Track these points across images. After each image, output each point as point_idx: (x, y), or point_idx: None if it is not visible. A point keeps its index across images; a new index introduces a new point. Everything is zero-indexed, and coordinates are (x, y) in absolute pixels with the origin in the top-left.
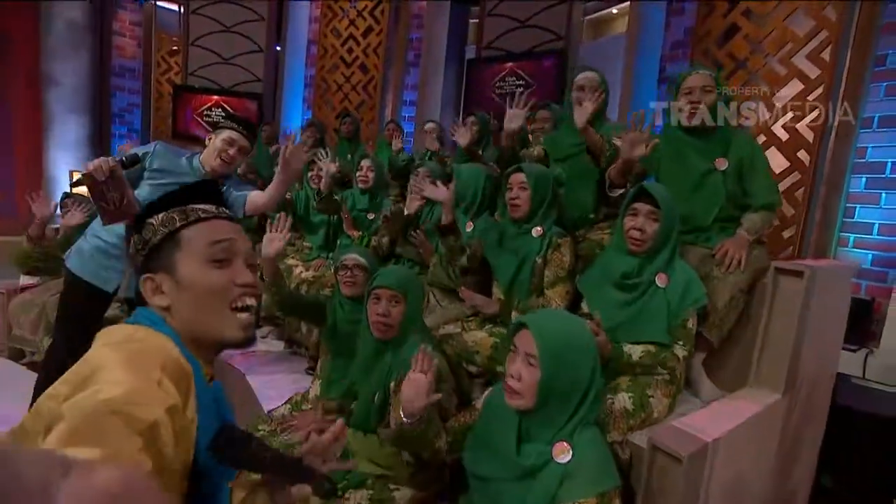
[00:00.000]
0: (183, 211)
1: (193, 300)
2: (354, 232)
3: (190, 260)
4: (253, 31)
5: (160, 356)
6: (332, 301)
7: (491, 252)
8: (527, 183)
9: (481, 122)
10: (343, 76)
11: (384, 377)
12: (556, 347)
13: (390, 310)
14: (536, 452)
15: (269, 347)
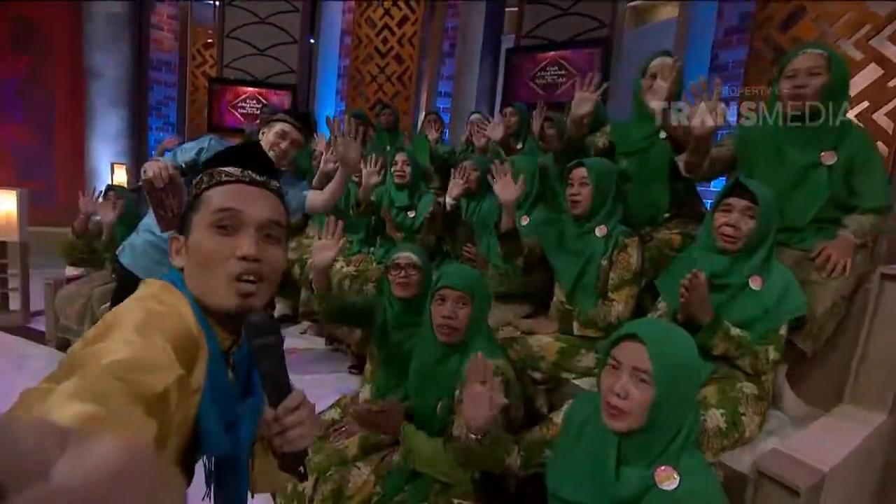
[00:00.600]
0: (210, 173)
1: (196, 264)
2: (397, 234)
3: (200, 223)
4: (287, 23)
5: (173, 321)
6: (381, 302)
7: (551, 252)
8: (588, 178)
9: (520, 112)
10: (377, 67)
11: (449, 384)
12: (674, 364)
13: (457, 312)
14: (637, 478)
15: (310, 345)
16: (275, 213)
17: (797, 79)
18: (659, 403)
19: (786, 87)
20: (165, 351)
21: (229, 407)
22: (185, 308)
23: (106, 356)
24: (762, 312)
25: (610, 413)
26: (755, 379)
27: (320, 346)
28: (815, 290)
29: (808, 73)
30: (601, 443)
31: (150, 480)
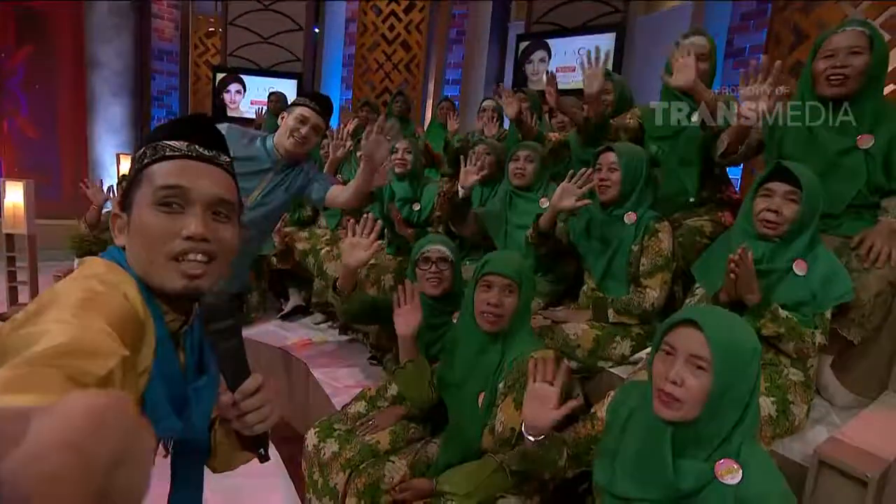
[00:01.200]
0: (154, 147)
1: (139, 244)
2: (408, 230)
3: (143, 201)
4: (292, 10)
5: (115, 302)
6: None
7: (579, 239)
8: (617, 163)
9: (531, 99)
10: (384, 54)
11: (492, 375)
12: (734, 352)
13: (503, 300)
14: (696, 471)
15: (326, 336)
16: (224, 190)
17: (836, 58)
18: (716, 393)
19: (822, 66)
20: (106, 332)
21: (180, 388)
22: (129, 288)
23: (40, 341)
24: (808, 297)
25: (663, 401)
26: (800, 365)
27: (336, 338)
28: (857, 278)
29: (849, 52)
30: (652, 434)
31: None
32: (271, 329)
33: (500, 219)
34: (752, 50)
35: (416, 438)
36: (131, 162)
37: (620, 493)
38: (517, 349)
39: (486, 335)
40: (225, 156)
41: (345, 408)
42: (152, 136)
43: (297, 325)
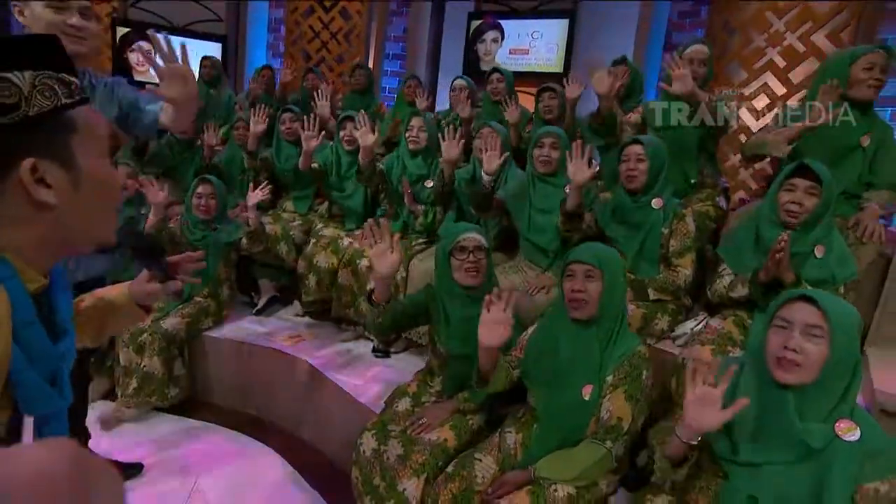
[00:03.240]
0: (62, 82)
1: (92, 200)
2: (417, 206)
3: (91, 150)
4: None
5: None
6: (437, 294)
7: (608, 225)
8: (644, 155)
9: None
10: (321, 22)
11: (596, 368)
12: (846, 321)
13: (587, 285)
14: (820, 431)
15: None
16: None
17: (874, 71)
18: (833, 358)
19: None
20: None
21: (49, 358)
22: None
23: None
24: (828, 276)
25: (784, 367)
26: None
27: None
28: (855, 251)
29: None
30: (773, 401)
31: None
32: (249, 326)
33: (524, 204)
34: None
35: (475, 430)
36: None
37: (746, 460)
38: (621, 344)
39: (579, 326)
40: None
41: (390, 407)
42: (39, 61)
43: (275, 320)
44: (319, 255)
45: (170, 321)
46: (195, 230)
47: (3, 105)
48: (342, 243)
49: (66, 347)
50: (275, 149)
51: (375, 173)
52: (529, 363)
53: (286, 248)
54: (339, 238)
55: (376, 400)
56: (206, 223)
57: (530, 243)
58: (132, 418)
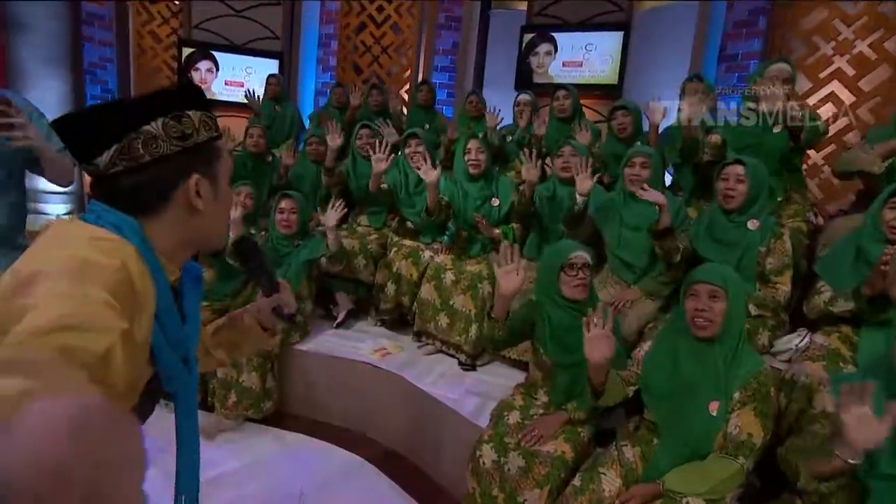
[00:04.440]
0: (212, 119)
1: (222, 209)
2: (495, 232)
3: (226, 173)
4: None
5: (114, 270)
6: (541, 307)
7: (702, 244)
8: (745, 175)
9: (573, 95)
10: (372, 37)
11: (723, 385)
12: None
13: (711, 305)
14: None
15: (398, 343)
16: None
17: None
18: None
19: None
20: (106, 303)
21: (182, 342)
22: (128, 256)
23: (33, 315)
24: None
25: None
26: None
27: (407, 342)
28: None
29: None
30: None
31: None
32: (333, 339)
33: (614, 221)
34: (745, 56)
35: (586, 442)
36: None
37: (887, 473)
38: (746, 361)
39: (701, 344)
40: None
41: (500, 419)
42: (202, 103)
43: (355, 333)
44: (400, 264)
45: None
46: (279, 246)
47: (185, 133)
48: (423, 255)
49: (191, 331)
50: (350, 164)
51: (443, 208)
52: (649, 379)
53: (363, 262)
54: (419, 249)
55: (477, 413)
56: (289, 239)
57: (618, 259)
58: (230, 429)
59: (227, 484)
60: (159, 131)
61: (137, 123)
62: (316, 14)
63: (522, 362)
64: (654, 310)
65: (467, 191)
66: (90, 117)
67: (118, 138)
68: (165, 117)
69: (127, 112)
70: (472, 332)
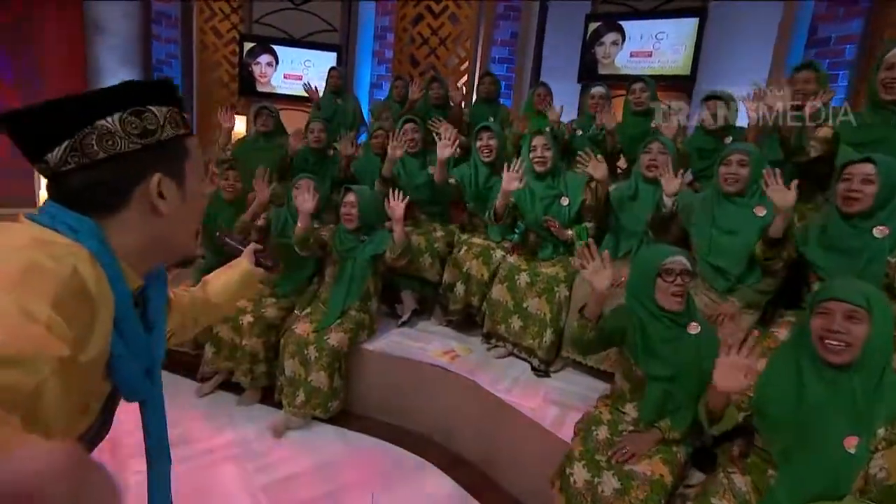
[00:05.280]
0: (182, 117)
1: (189, 214)
2: (567, 233)
3: (195, 174)
4: None
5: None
6: (633, 315)
7: (813, 252)
8: (874, 177)
9: (650, 87)
10: (430, 28)
11: (860, 419)
12: None
13: (849, 327)
14: None
15: (466, 345)
16: None
17: None
18: None
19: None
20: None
21: (145, 351)
22: (81, 261)
23: None
24: None
25: None
26: None
27: (475, 343)
28: None
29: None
30: None
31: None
32: (399, 339)
33: (704, 224)
34: (838, 41)
35: (683, 462)
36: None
37: None
38: (892, 393)
39: (833, 371)
40: None
41: (587, 435)
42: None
43: (421, 333)
44: (470, 263)
45: (334, 336)
46: (346, 240)
47: (147, 129)
48: (494, 254)
49: (156, 339)
50: (399, 162)
51: (509, 210)
52: (765, 405)
53: (430, 260)
54: (490, 248)
55: (557, 424)
56: (354, 233)
57: (710, 266)
58: (298, 427)
59: (299, 485)
60: (116, 127)
61: (91, 118)
62: (372, 6)
63: (598, 370)
64: (751, 323)
65: (534, 190)
66: (39, 112)
67: (69, 134)
68: (124, 112)
69: (80, 106)
70: (547, 336)
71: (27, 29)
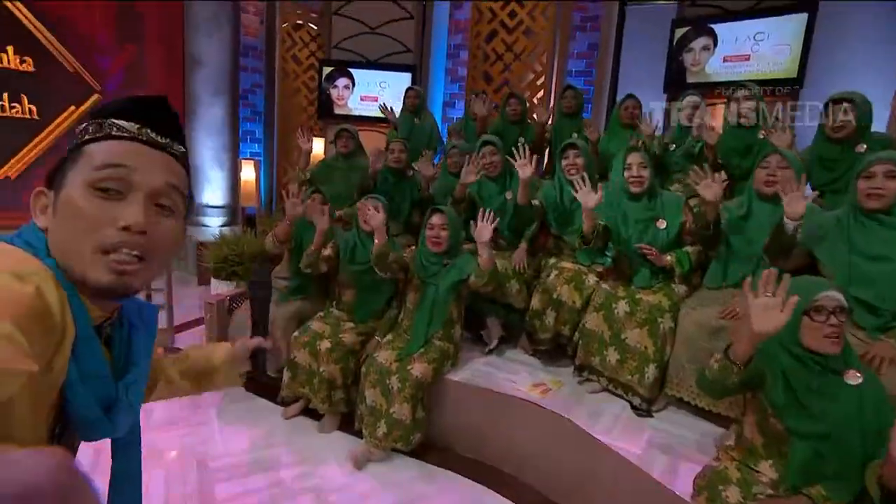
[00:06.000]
0: (99, 123)
1: (63, 228)
2: (666, 258)
3: (76, 180)
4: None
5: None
6: (772, 359)
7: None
8: None
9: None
10: (504, 44)
11: None
12: None
13: None
14: None
15: (557, 378)
16: (175, 178)
17: None
18: None
19: None
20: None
21: (107, 387)
22: (43, 281)
23: None
24: None
25: None
26: None
27: (566, 376)
28: None
29: None
30: None
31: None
32: (485, 369)
33: (840, 248)
34: None
35: None
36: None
37: None
38: None
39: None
40: (180, 145)
41: (715, 493)
42: (99, 111)
43: (507, 363)
44: (562, 289)
45: (418, 367)
46: (429, 264)
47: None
48: (586, 280)
49: (132, 380)
50: (475, 185)
51: (599, 234)
52: None
53: (517, 286)
54: (582, 273)
55: (669, 475)
56: (438, 256)
57: (853, 300)
58: (379, 459)
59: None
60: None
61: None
62: (445, 25)
63: (708, 411)
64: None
65: (627, 212)
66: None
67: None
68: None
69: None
70: (650, 372)
71: (140, 69)
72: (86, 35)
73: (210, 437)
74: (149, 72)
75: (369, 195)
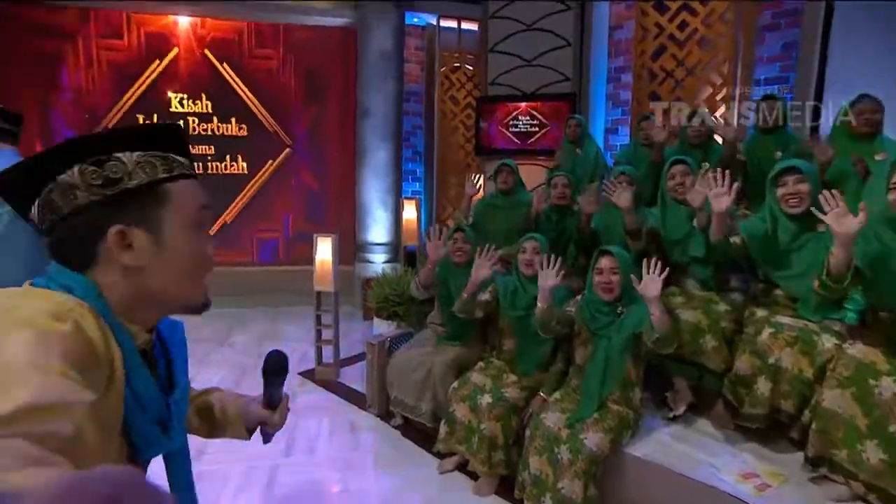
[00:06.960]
0: (165, 160)
1: (174, 265)
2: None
3: (179, 220)
4: (558, 24)
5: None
6: None
7: None
8: None
9: None
10: (674, 59)
11: None
12: None
13: None
14: None
15: (780, 471)
16: None
17: None
18: None
19: None
20: (65, 375)
21: (159, 406)
22: (84, 318)
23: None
24: None
25: None
26: None
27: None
28: None
29: None
30: None
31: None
32: (672, 444)
33: None
34: None
35: None
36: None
37: None
38: None
39: None
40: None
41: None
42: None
43: (700, 437)
44: (781, 353)
45: (593, 437)
46: (599, 314)
47: (109, 178)
48: (819, 342)
49: (179, 397)
50: (660, 212)
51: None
52: None
53: (713, 343)
54: (811, 332)
55: None
56: (610, 305)
57: None
58: None
59: None
60: (76, 179)
61: (53, 173)
62: (604, 50)
63: None
64: None
65: (892, 247)
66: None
67: (37, 191)
68: (83, 163)
69: (39, 162)
70: None
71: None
72: (281, 103)
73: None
74: (329, 126)
75: (528, 234)
